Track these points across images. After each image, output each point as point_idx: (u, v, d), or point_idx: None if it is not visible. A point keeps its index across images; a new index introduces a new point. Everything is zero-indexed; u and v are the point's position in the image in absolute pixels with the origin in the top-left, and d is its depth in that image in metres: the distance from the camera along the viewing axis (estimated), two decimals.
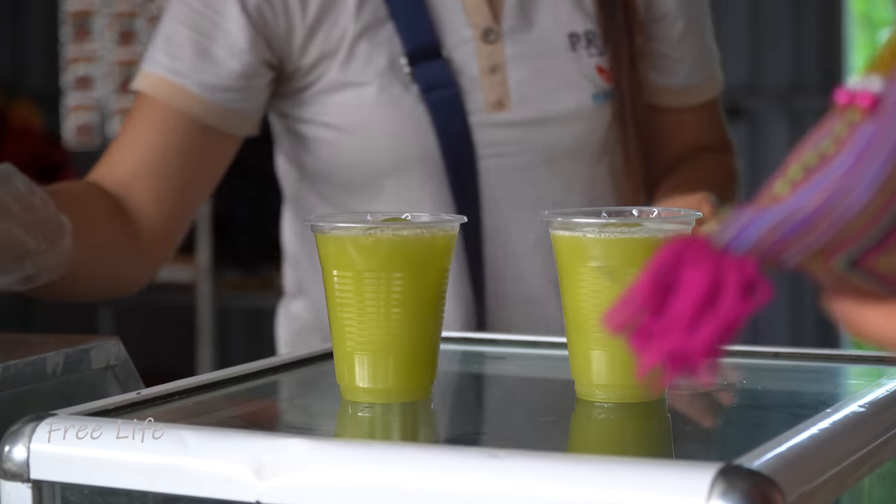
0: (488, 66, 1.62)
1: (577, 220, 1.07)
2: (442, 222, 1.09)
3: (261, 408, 1.13)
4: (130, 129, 1.59)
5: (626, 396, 1.07)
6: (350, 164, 1.63)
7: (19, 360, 1.15)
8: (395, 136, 1.60)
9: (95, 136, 4.20)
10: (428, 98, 1.59)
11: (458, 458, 0.86)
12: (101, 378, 1.22)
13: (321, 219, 1.09)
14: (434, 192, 1.61)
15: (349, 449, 0.90)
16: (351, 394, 1.09)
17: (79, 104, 4.19)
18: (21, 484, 0.94)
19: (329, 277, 1.09)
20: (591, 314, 1.06)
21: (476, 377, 1.24)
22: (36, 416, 0.96)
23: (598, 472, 0.82)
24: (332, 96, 1.61)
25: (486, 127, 1.61)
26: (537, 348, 1.32)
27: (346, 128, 1.61)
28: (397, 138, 1.60)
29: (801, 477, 0.84)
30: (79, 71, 4.18)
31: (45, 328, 5.62)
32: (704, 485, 0.79)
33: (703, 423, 1.09)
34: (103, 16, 4.16)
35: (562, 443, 1.05)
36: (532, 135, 1.62)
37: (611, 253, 1.05)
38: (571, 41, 1.64)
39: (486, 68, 1.62)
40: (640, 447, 1.02)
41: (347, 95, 1.60)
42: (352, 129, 1.61)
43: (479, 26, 1.62)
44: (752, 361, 1.25)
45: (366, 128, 1.60)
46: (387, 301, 1.07)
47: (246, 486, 0.88)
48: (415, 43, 1.60)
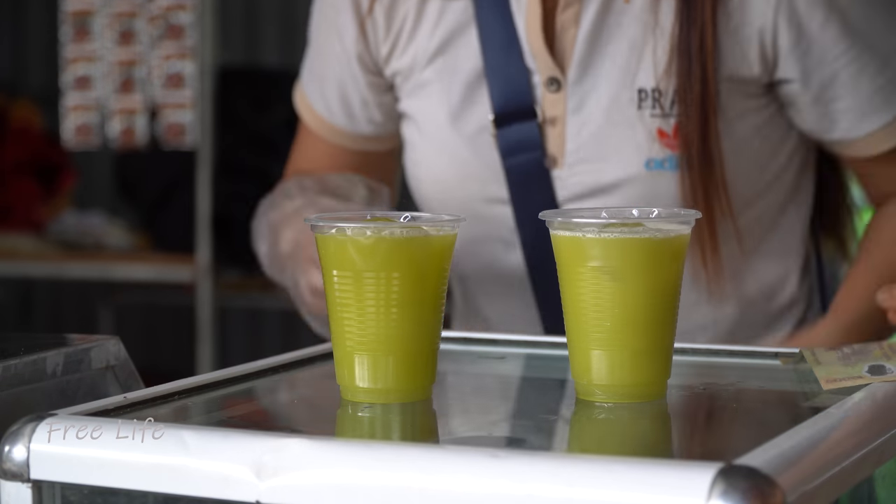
0: (549, 116, 1.54)
1: (577, 220, 1.07)
2: (442, 223, 1.09)
3: (261, 408, 1.13)
4: (304, 146, 1.72)
5: (626, 396, 1.07)
6: (419, 175, 1.63)
7: (19, 360, 1.15)
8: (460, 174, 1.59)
9: (95, 136, 4.20)
10: (508, 162, 1.55)
11: (458, 458, 0.86)
12: (101, 378, 1.22)
13: (321, 219, 1.09)
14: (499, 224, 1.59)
15: (349, 449, 0.90)
16: (351, 394, 1.09)
17: (79, 104, 4.19)
18: (21, 484, 0.94)
19: (329, 277, 1.09)
20: (592, 314, 1.06)
21: (476, 377, 1.24)
22: (36, 416, 0.96)
23: (598, 472, 0.82)
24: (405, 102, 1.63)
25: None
26: (537, 348, 1.32)
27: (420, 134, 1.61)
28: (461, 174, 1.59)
29: (801, 477, 0.84)
30: (79, 71, 4.18)
31: (45, 328, 5.62)
32: (704, 485, 0.79)
33: (703, 423, 1.09)
34: (103, 16, 4.15)
35: (562, 443, 1.05)
36: (591, 205, 1.53)
37: (611, 253, 1.05)
38: (640, 98, 1.51)
39: (548, 118, 1.54)
40: (640, 447, 1.02)
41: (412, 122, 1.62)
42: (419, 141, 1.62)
43: (543, 72, 1.54)
44: (752, 361, 1.25)
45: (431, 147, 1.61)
46: (387, 301, 1.07)
47: (246, 486, 0.88)
48: (506, 100, 1.55)
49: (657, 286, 1.06)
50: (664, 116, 1.50)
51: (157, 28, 4.11)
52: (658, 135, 1.50)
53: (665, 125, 1.50)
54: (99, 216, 4.75)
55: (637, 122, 1.51)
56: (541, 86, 1.54)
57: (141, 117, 4.15)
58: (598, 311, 1.06)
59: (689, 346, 1.25)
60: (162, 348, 5.38)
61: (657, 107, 1.50)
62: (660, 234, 1.06)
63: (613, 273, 1.05)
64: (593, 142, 1.52)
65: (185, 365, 4.27)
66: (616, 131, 1.51)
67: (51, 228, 4.69)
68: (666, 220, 1.09)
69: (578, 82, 1.52)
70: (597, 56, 1.52)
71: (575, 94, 1.52)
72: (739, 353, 1.27)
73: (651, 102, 1.50)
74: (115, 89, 4.16)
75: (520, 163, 1.54)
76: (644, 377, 1.07)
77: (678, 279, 1.08)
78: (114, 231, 4.68)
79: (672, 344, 1.09)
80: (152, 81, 4.13)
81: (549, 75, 1.53)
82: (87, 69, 4.17)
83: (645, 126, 1.51)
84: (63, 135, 4.24)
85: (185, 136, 4.12)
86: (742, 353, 1.27)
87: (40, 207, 4.80)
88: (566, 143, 1.53)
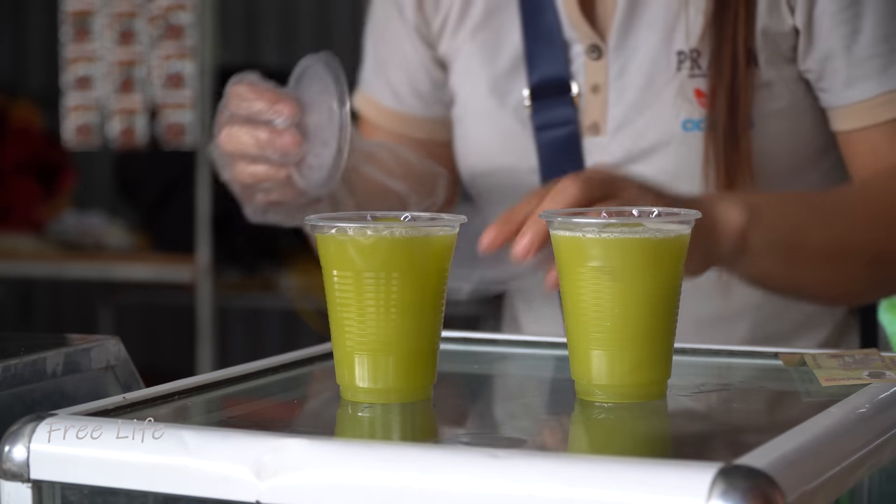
0: (591, 84, 1.54)
1: (577, 220, 1.07)
2: (442, 222, 1.09)
3: (261, 408, 1.13)
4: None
5: (626, 396, 1.07)
6: (465, 150, 1.62)
7: (19, 360, 1.15)
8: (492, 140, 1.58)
9: (95, 136, 4.20)
10: (540, 136, 1.55)
11: (458, 458, 0.86)
12: (101, 378, 1.22)
13: (321, 219, 1.09)
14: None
15: (349, 449, 0.90)
16: (351, 394, 1.09)
17: (79, 104, 4.19)
18: (21, 484, 0.94)
19: (329, 277, 1.09)
20: (591, 314, 1.06)
21: (476, 377, 1.24)
22: (36, 416, 0.96)
23: (598, 472, 0.82)
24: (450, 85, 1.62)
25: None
26: (537, 348, 1.32)
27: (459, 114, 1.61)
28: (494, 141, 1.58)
29: (801, 477, 0.84)
30: (79, 71, 4.18)
31: (45, 328, 5.63)
32: (704, 485, 0.79)
33: (703, 423, 1.09)
34: (103, 16, 4.15)
35: (562, 443, 1.05)
36: (627, 171, 1.49)
37: (611, 253, 1.05)
38: (679, 59, 1.51)
39: (589, 87, 1.54)
40: (640, 447, 1.02)
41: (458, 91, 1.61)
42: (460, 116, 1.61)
43: (584, 40, 1.54)
44: (751, 361, 1.26)
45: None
46: (386, 301, 1.07)
47: (246, 486, 0.88)
48: (540, 74, 1.54)
49: (657, 286, 1.06)
50: (703, 76, 1.50)
51: (157, 28, 4.11)
52: (695, 94, 1.50)
53: (703, 85, 1.50)
54: (99, 216, 4.76)
55: (675, 84, 1.51)
56: (582, 55, 1.54)
57: (141, 117, 4.15)
58: (598, 312, 1.06)
59: (690, 346, 1.25)
60: (162, 348, 5.38)
61: (695, 67, 1.50)
62: (660, 234, 1.06)
63: (613, 273, 1.05)
64: (634, 106, 1.52)
65: (185, 365, 4.28)
66: (656, 94, 1.51)
67: (51, 228, 4.69)
68: (666, 220, 1.09)
69: (619, 48, 1.52)
70: (636, 20, 1.52)
71: (617, 59, 1.53)
72: (739, 353, 1.27)
73: (689, 63, 1.50)
74: (115, 89, 4.16)
75: (553, 135, 1.54)
76: (644, 377, 1.07)
77: (678, 279, 1.08)
78: (114, 231, 4.68)
79: (672, 344, 1.09)
80: (152, 81, 4.13)
81: (589, 43, 1.53)
82: (87, 69, 4.18)
83: (683, 87, 1.50)
84: (63, 135, 4.24)
85: (185, 136, 4.12)
86: (742, 353, 1.27)
87: (40, 207, 4.80)
88: (608, 109, 1.53)
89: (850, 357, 1.16)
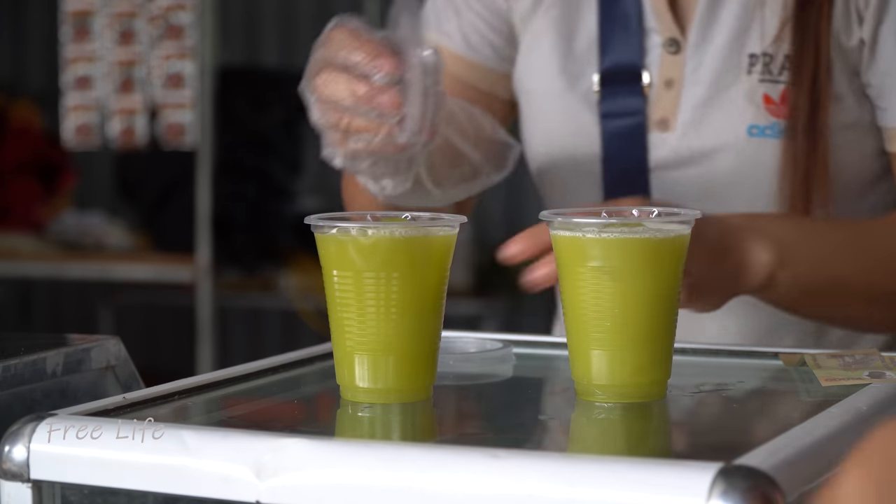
0: (665, 78, 1.50)
1: (577, 220, 1.07)
2: (442, 223, 1.09)
3: (261, 408, 1.13)
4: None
5: (627, 396, 1.07)
6: (532, 130, 1.57)
7: (19, 360, 1.15)
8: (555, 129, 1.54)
9: (95, 136, 4.20)
10: (606, 124, 1.51)
11: (458, 458, 0.86)
12: (101, 378, 1.22)
13: (321, 219, 1.09)
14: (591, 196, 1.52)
15: (349, 449, 0.90)
16: (351, 394, 1.09)
17: (79, 104, 4.19)
18: (21, 484, 0.94)
19: (329, 277, 1.09)
20: (591, 314, 1.06)
21: (476, 377, 1.24)
22: (36, 416, 0.96)
23: (598, 472, 0.82)
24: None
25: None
26: (537, 348, 1.32)
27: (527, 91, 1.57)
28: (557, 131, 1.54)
29: (801, 477, 0.84)
30: (79, 71, 4.18)
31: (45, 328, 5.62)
32: (704, 485, 0.79)
33: (703, 423, 1.09)
34: (103, 16, 4.15)
35: (562, 443, 1.05)
36: (684, 171, 1.49)
37: (611, 253, 1.05)
38: (750, 62, 1.47)
39: (662, 81, 1.50)
40: (640, 447, 1.02)
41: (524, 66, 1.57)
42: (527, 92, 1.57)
43: (664, 33, 1.51)
44: (751, 361, 1.25)
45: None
46: (387, 301, 1.07)
47: (246, 486, 0.88)
48: (613, 60, 1.51)
49: (657, 286, 1.06)
50: (773, 82, 1.47)
51: (157, 28, 4.11)
52: (763, 100, 1.47)
53: (772, 91, 1.47)
54: (99, 216, 4.76)
55: (745, 86, 1.47)
56: (658, 47, 1.51)
57: (141, 117, 4.15)
58: (598, 311, 1.06)
59: (690, 346, 1.25)
60: (162, 348, 5.38)
61: (766, 71, 1.47)
62: (660, 234, 1.06)
63: (613, 273, 1.05)
64: (703, 105, 1.49)
65: (185, 365, 4.27)
66: (723, 95, 1.48)
67: (51, 228, 4.69)
68: (666, 220, 1.09)
69: (698, 44, 1.50)
70: (714, 18, 1.49)
71: (694, 56, 1.50)
72: (739, 352, 1.27)
73: (760, 67, 1.47)
74: (115, 89, 4.16)
75: (619, 124, 1.51)
76: (644, 377, 1.07)
77: (678, 279, 1.08)
78: (114, 231, 4.68)
79: (672, 344, 1.09)
80: (152, 81, 4.13)
81: (669, 36, 1.50)
82: (87, 69, 4.18)
83: (752, 91, 1.47)
84: (63, 135, 4.24)
85: (185, 136, 4.12)
86: (742, 352, 1.27)
87: (40, 207, 4.80)
88: (680, 105, 1.50)
89: (850, 357, 1.16)
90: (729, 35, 1.49)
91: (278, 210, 4.59)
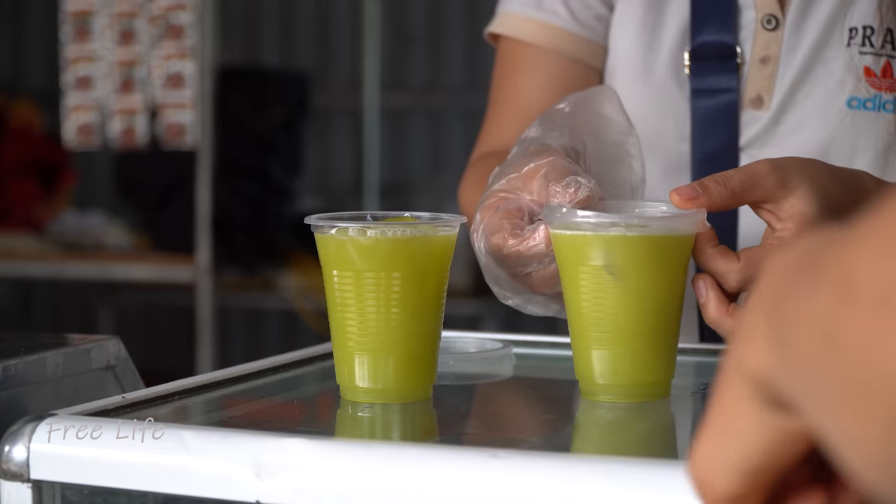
0: (760, 55, 1.47)
1: (578, 219, 1.07)
2: (442, 223, 1.09)
3: (261, 408, 1.13)
4: (506, 86, 1.55)
5: (630, 396, 1.06)
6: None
7: (19, 360, 1.15)
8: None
9: (95, 136, 4.20)
10: (697, 102, 1.48)
11: (458, 458, 0.86)
12: (101, 378, 1.22)
13: (321, 219, 1.09)
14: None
15: (349, 449, 0.90)
16: (351, 394, 1.09)
17: (79, 104, 4.19)
18: (21, 484, 0.94)
19: (329, 277, 1.09)
20: (593, 313, 1.06)
21: (476, 377, 1.24)
22: (36, 416, 0.95)
23: (599, 472, 0.82)
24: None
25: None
26: (539, 348, 1.32)
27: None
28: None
29: None
30: (79, 71, 4.18)
31: (45, 328, 5.63)
32: None
33: None
34: (103, 16, 4.15)
35: (563, 442, 1.05)
36: (775, 149, 1.45)
37: (612, 252, 1.05)
38: (850, 35, 1.45)
39: (757, 58, 1.47)
40: (642, 447, 1.02)
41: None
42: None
43: (762, 9, 1.47)
44: None
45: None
46: (387, 301, 1.06)
47: (246, 486, 0.88)
48: (705, 37, 1.47)
49: (660, 285, 1.06)
50: (874, 55, 1.45)
51: (157, 28, 4.11)
52: (865, 73, 1.45)
53: (874, 64, 1.45)
54: (99, 216, 4.76)
55: (845, 58, 1.46)
56: (754, 23, 1.48)
57: (141, 117, 4.15)
58: (601, 311, 1.06)
59: (692, 346, 1.25)
60: (162, 348, 5.38)
61: (867, 44, 1.45)
62: (663, 232, 1.06)
63: (616, 272, 1.05)
64: (800, 80, 1.46)
65: (185, 365, 4.28)
66: (822, 69, 1.46)
67: (51, 228, 4.70)
68: (669, 218, 1.08)
69: (798, 19, 1.47)
70: None
71: (794, 31, 1.47)
72: None
73: (861, 39, 1.46)
74: (115, 89, 4.16)
75: (711, 102, 1.48)
76: (647, 377, 1.06)
77: (682, 278, 1.08)
78: (114, 231, 4.68)
79: (676, 343, 1.08)
80: (152, 81, 4.13)
81: (767, 12, 1.48)
82: (88, 69, 4.18)
83: (852, 64, 1.45)
84: (63, 135, 4.24)
85: (185, 136, 4.12)
86: None
87: (40, 207, 4.80)
88: (776, 82, 1.47)
89: None
90: (830, 9, 1.47)
91: (278, 210, 4.59)
